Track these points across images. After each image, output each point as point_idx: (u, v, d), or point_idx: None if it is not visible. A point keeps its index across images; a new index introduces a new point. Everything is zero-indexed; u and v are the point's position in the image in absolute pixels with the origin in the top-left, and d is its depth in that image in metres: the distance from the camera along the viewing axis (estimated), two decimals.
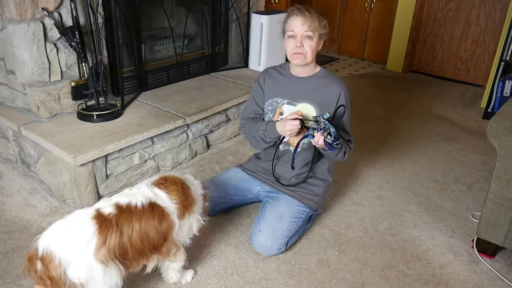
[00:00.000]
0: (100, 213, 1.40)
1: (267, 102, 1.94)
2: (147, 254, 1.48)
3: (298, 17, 1.73)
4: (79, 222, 1.38)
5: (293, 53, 1.78)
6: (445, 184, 2.55)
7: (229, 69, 3.35)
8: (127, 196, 1.48)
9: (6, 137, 2.46)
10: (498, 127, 1.70)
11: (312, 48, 1.76)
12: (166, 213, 1.49)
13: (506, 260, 1.94)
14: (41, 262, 1.31)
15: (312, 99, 1.84)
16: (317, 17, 1.74)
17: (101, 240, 1.35)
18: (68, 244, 1.33)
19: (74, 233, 1.35)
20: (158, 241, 1.49)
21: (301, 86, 1.87)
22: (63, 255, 1.31)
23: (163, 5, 2.83)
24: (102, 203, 1.45)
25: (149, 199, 1.48)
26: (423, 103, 3.83)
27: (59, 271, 1.30)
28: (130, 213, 1.42)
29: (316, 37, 1.75)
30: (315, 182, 1.99)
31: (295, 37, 1.75)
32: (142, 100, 2.67)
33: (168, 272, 1.67)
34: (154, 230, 1.45)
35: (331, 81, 1.85)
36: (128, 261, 1.43)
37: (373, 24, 4.94)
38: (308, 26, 1.72)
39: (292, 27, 1.75)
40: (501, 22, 4.01)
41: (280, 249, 1.86)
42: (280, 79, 1.92)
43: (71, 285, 1.33)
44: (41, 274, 1.32)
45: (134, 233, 1.41)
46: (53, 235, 1.35)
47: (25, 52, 2.11)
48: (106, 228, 1.36)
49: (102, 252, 1.34)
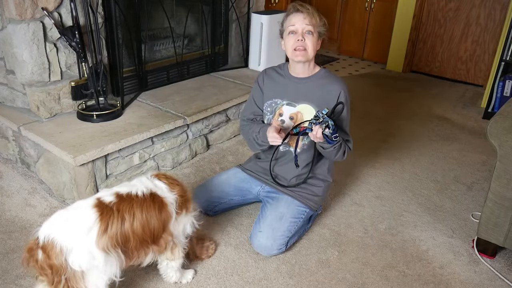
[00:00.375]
0: (101, 202, 1.40)
1: (266, 103, 1.93)
2: (148, 243, 1.48)
3: (299, 13, 1.74)
4: (80, 210, 1.38)
5: (293, 49, 1.77)
6: (445, 184, 2.55)
7: (229, 69, 3.35)
8: (127, 186, 1.50)
9: (6, 137, 2.46)
10: (498, 127, 1.70)
11: (313, 44, 1.76)
12: (165, 203, 1.50)
13: (506, 260, 1.94)
14: (42, 251, 1.32)
15: (312, 99, 1.84)
16: (317, 14, 1.76)
17: (102, 227, 1.35)
18: (69, 232, 1.33)
19: (75, 221, 1.35)
20: (158, 230, 1.49)
21: (300, 86, 1.86)
22: (64, 242, 1.31)
23: (163, 5, 2.83)
24: (102, 193, 1.46)
25: (149, 189, 1.49)
26: (423, 103, 3.83)
27: (60, 258, 1.30)
28: (131, 201, 1.43)
29: (316, 33, 1.76)
30: (315, 182, 1.98)
31: (296, 32, 1.75)
32: (142, 100, 2.67)
33: (168, 271, 1.67)
34: (154, 218, 1.46)
35: (331, 81, 1.84)
36: (130, 250, 1.43)
37: (373, 24, 4.94)
38: (309, 21, 1.73)
39: (293, 22, 1.75)
40: (501, 22, 4.02)
41: (280, 249, 1.86)
42: (279, 80, 1.92)
43: (72, 273, 1.33)
44: (42, 264, 1.32)
45: (136, 220, 1.41)
46: (54, 224, 1.35)
47: (25, 52, 2.11)
48: (108, 216, 1.37)
49: (104, 239, 1.35)
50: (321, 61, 5.05)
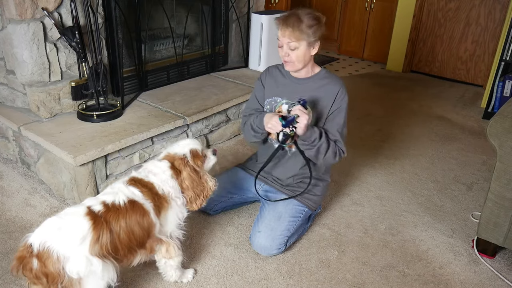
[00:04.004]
0: (91, 211, 1.40)
1: (267, 100, 1.95)
2: (135, 250, 1.49)
3: (282, 29, 1.72)
4: (73, 218, 1.37)
5: (283, 61, 1.80)
6: (445, 184, 2.55)
7: (229, 69, 3.35)
8: (111, 194, 1.48)
9: (6, 137, 2.46)
10: (498, 127, 1.70)
11: (299, 57, 1.75)
12: (146, 211, 1.49)
13: (506, 260, 1.94)
14: (38, 259, 1.30)
15: (311, 100, 1.84)
16: (305, 25, 1.68)
17: (95, 236, 1.35)
18: (65, 240, 1.32)
19: (69, 229, 1.34)
20: (143, 237, 1.49)
21: (300, 87, 1.87)
22: (61, 250, 1.30)
23: (163, 5, 2.83)
24: (90, 201, 1.45)
25: (128, 197, 1.47)
26: (423, 103, 3.83)
27: (57, 266, 1.29)
28: (116, 211, 1.43)
29: (303, 45, 1.72)
30: (313, 182, 1.99)
31: (281, 47, 1.76)
32: (142, 100, 2.67)
33: (167, 270, 1.67)
34: (137, 227, 1.45)
35: (330, 82, 1.85)
36: (120, 257, 1.44)
37: (373, 24, 4.94)
38: (289, 37, 1.70)
39: (279, 35, 1.75)
40: (501, 22, 4.02)
41: (279, 249, 1.86)
42: (280, 79, 1.93)
43: (69, 281, 1.32)
44: (37, 272, 1.30)
45: (121, 230, 1.41)
46: (47, 231, 1.33)
47: (25, 52, 2.11)
48: (99, 225, 1.37)
49: (96, 248, 1.35)
50: (321, 61, 5.06)
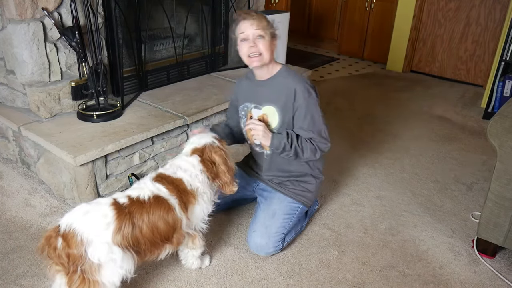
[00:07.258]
0: (117, 202, 1.46)
1: (240, 107, 1.99)
2: (159, 244, 1.53)
3: (246, 20, 1.75)
4: (100, 206, 1.43)
5: (248, 56, 1.78)
6: (445, 184, 2.55)
7: (229, 69, 3.35)
8: (137, 190, 1.54)
9: (6, 137, 2.46)
10: (498, 127, 1.70)
11: (266, 47, 1.76)
12: (171, 207, 1.52)
13: (506, 260, 1.94)
14: (63, 239, 1.35)
15: (274, 101, 1.84)
16: (263, 17, 1.78)
17: (118, 226, 1.39)
18: (90, 224, 1.37)
19: (96, 215, 1.40)
20: (168, 232, 1.53)
21: (263, 89, 1.88)
22: (85, 233, 1.35)
23: (163, 5, 2.83)
24: (117, 195, 1.51)
25: (154, 193, 1.52)
26: (423, 103, 3.83)
27: (80, 248, 1.34)
28: (141, 205, 1.47)
29: (268, 35, 1.76)
30: (306, 179, 1.99)
31: (247, 39, 1.76)
32: (142, 100, 2.67)
33: (189, 259, 1.74)
34: (162, 222, 1.49)
35: (288, 81, 1.83)
36: (142, 250, 1.48)
37: (373, 24, 4.94)
38: (257, 25, 1.74)
39: (242, 29, 1.76)
40: (501, 22, 4.02)
41: (277, 247, 1.87)
42: (247, 85, 1.97)
43: (88, 264, 1.36)
44: (60, 252, 1.34)
45: (144, 225, 1.45)
46: (76, 215, 1.39)
47: (25, 52, 2.11)
48: (122, 215, 1.42)
49: (118, 237, 1.39)
50: (321, 61, 5.06)
